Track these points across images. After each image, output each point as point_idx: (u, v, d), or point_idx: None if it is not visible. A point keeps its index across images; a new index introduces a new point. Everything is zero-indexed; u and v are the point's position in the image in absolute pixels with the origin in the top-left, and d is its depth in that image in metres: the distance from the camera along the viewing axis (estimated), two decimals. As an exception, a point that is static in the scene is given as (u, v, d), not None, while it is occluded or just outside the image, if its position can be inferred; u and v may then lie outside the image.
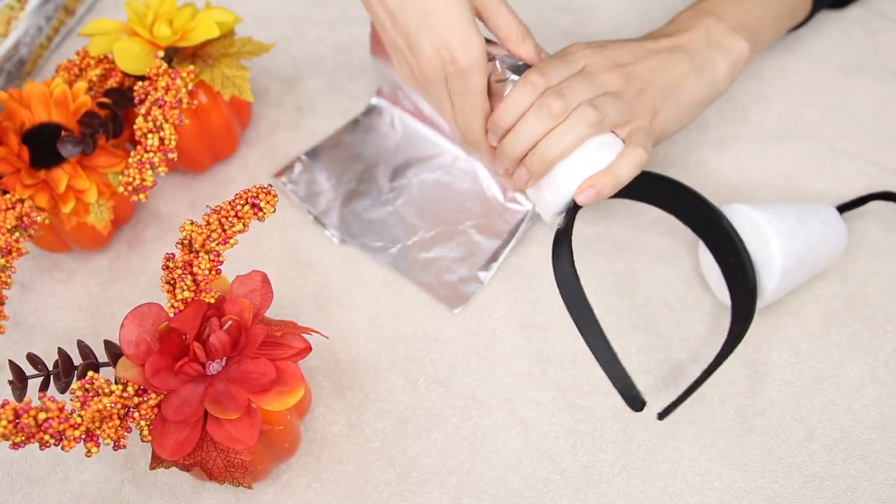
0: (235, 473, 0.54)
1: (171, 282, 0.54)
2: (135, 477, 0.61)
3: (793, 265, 0.60)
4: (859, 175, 0.70)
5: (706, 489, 0.58)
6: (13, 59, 0.76)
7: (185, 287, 0.53)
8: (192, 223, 0.54)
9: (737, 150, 0.72)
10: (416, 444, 0.61)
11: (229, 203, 0.54)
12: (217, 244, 0.54)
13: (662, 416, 0.55)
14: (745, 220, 0.61)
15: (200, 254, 0.54)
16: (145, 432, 0.52)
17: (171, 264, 0.54)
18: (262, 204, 0.54)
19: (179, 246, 0.55)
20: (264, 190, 0.54)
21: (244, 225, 0.54)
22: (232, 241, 0.54)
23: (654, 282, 0.66)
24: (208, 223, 0.54)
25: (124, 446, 0.52)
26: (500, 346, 0.64)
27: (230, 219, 0.54)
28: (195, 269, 0.53)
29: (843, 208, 0.66)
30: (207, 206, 0.55)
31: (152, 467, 0.54)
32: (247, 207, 0.54)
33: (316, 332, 0.57)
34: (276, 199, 0.54)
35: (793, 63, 0.76)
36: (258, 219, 0.54)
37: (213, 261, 0.54)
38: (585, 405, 0.62)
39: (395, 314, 0.66)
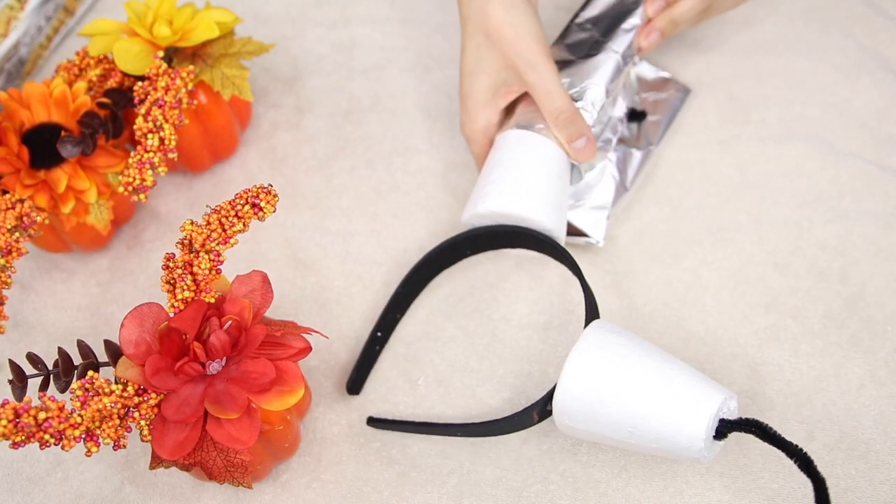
0: (235, 473, 0.54)
1: (172, 282, 0.54)
2: (135, 477, 0.61)
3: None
4: (860, 175, 0.70)
5: (706, 489, 0.58)
6: (13, 59, 0.76)
7: (185, 287, 0.53)
8: (192, 223, 0.54)
9: (738, 150, 0.72)
10: (415, 444, 0.61)
11: (229, 203, 0.54)
12: (217, 244, 0.54)
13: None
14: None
15: (200, 254, 0.54)
16: (145, 432, 0.52)
17: (171, 264, 0.54)
18: (262, 204, 0.54)
19: (179, 246, 0.55)
20: (264, 189, 0.54)
21: (244, 225, 0.54)
22: (232, 240, 0.54)
23: (654, 282, 0.66)
24: (208, 223, 0.54)
25: (124, 446, 0.52)
26: (500, 346, 0.64)
27: (230, 218, 0.54)
28: (195, 269, 0.54)
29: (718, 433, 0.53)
30: (207, 206, 0.55)
31: (152, 467, 0.54)
32: (247, 207, 0.54)
33: (316, 332, 0.57)
34: (277, 198, 0.54)
35: (794, 62, 0.76)
36: (258, 218, 0.54)
37: (214, 261, 0.54)
38: (585, 405, 0.62)
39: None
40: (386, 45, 0.79)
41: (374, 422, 0.61)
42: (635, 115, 0.71)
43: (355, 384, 0.63)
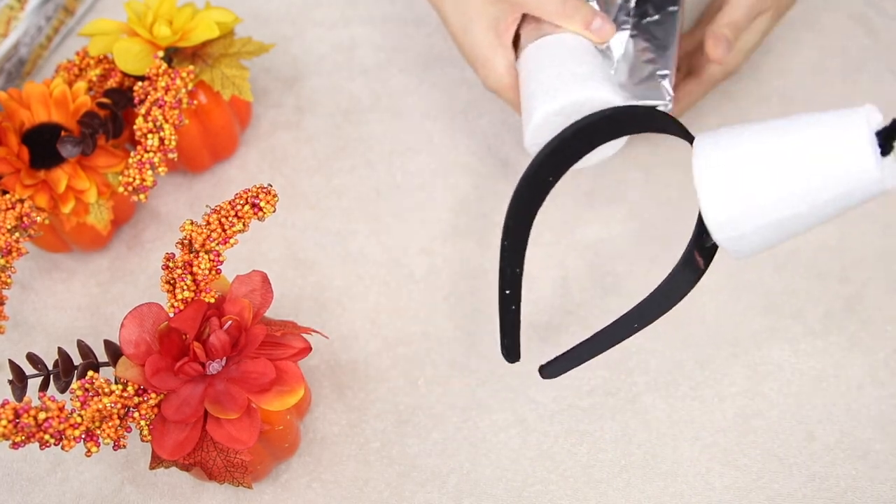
0: (235, 473, 0.54)
1: (172, 281, 0.54)
2: (135, 477, 0.61)
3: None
4: (859, 175, 0.70)
5: (706, 489, 0.58)
6: (13, 59, 0.76)
7: (185, 287, 0.53)
8: (192, 223, 0.54)
9: (737, 150, 0.72)
10: (416, 444, 0.61)
11: (229, 203, 0.54)
12: (217, 244, 0.54)
13: (544, 370, 0.55)
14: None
15: (200, 254, 0.54)
16: (145, 432, 0.52)
17: (171, 264, 0.54)
18: (262, 204, 0.54)
19: (179, 246, 0.55)
20: (264, 189, 0.54)
21: (244, 225, 0.54)
22: (232, 240, 0.54)
23: (654, 282, 0.66)
24: (208, 223, 0.54)
25: (124, 446, 0.52)
26: (500, 346, 0.64)
27: (230, 218, 0.54)
28: (195, 269, 0.54)
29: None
30: (207, 206, 0.55)
31: (152, 467, 0.54)
32: (247, 207, 0.54)
33: (316, 332, 0.57)
34: (276, 198, 0.54)
35: (793, 62, 0.76)
36: (258, 218, 0.54)
37: (213, 261, 0.54)
38: (585, 405, 0.62)
39: (395, 314, 0.66)
40: (386, 45, 0.79)
41: (548, 369, 0.55)
42: None
43: (511, 351, 0.57)
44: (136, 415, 0.52)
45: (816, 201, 0.44)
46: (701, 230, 0.48)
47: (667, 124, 0.53)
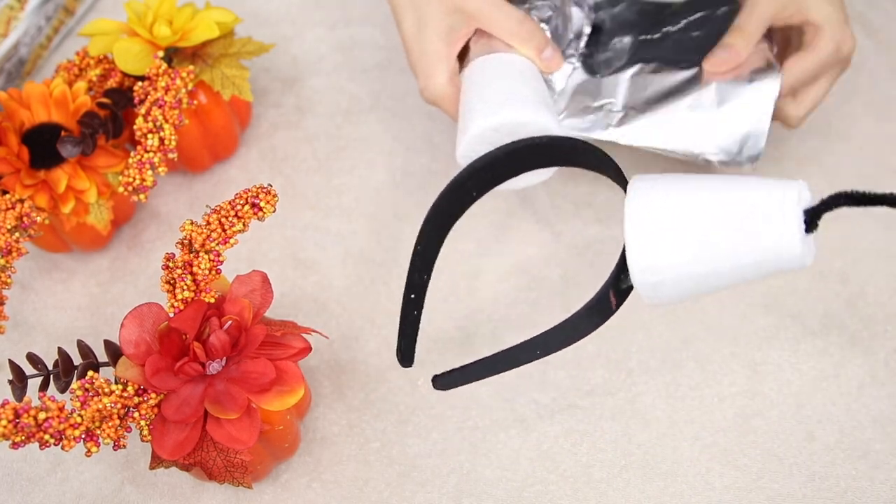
0: (235, 473, 0.54)
1: (172, 282, 0.54)
2: (135, 477, 0.61)
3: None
4: (860, 175, 0.70)
5: (706, 489, 0.58)
6: (13, 59, 0.76)
7: (185, 287, 0.53)
8: (192, 223, 0.54)
9: (737, 150, 0.72)
10: (416, 444, 0.61)
11: (229, 203, 0.54)
12: (217, 244, 0.54)
13: (437, 382, 0.54)
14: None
15: (200, 254, 0.54)
16: (145, 432, 0.52)
17: (171, 264, 0.54)
18: (262, 204, 0.54)
19: (179, 246, 0.55)
20: (264, 189, 0.54)
21: (244, 225, 0.54)
22: (232, 240, 0.54)
23: (655, 282, 0.66)
24: (208, 223, 0.54)
25: (124, 446, 0.52)
26: (500, 346, 0.64)
27: (230, 218, 0.54)
28: (195, 269, 0.54)
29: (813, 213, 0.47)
30: (207, 206, 0.55)
31: (152, 467, 0.54)
32: (247, 207, 0.54)
33: (316, 332, 0.57)
34: (276, 198, 0.54)
35: (793, 63, 0.76)
36: (258, 218, 0.54)
37: (213, 261, 0.54)
38: (585, 405, 0.62)
39: (395, 314, 0.66)
40: (386, 44, 0.79)
41: (440, 380, 0.55)
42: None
43: (406, 354, 0.57)
44: (136, 415, 0.52)
45: (737, 264, 0.45)
46: (620, 271, 0.48)
47: (603, 162, 0.53)
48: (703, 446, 0.60)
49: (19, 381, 0.55)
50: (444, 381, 0.55)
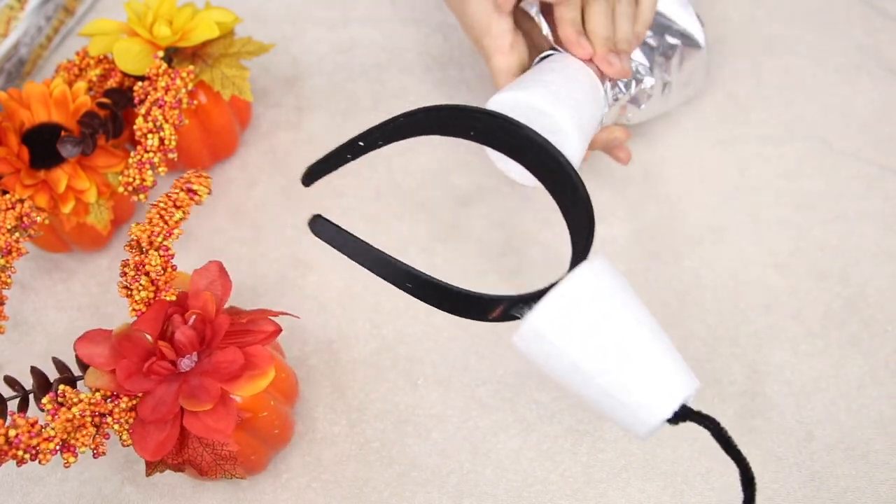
0: (226, 466, 0.54)
1: (127, 286, 0.54)
2: (135, 477, 0.61)
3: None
4: (859, 175, 0.70)
5: (706, 489, 0.58)
6: (13, 59, 0.76)
7: (141, 287, 0.53)
8: (136, 225, 0.54)
9: (737, 150, 0.72)
10: (416, 444, 0.61)
11: (165, 195, 0.54)
12: (163, 238, 0.54)
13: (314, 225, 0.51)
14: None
15: (150, 252, 0.54)
16: (124, 436, 0.52)
17: (126, 270, 0.54)
18: (195, 187, 0.54)
19: (128, 249, 0.55)
20: (196, 174, 0.54)
21: (184, 213, 0.54)
22: (176, 231, 0.54)
23: (655, 281, 0.66)
24: (150, 220, 0.54)
25: (104, 453, 0.52)
26: (500, 346, 0.64)
27: (169, 209, 0.54)
28: (147, 268, 0.54)
29: None
30: (149, 203, 0.55)
31: (149, 473, 0.54)
32: (182, 194, 0.54)
33: (287, 313, 0.57)
34: (210, 180, 0.55)
35: (793, 63, 0.76)
36: (196, 202, 0.54)
37: (164, 255, 0.54)
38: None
39: (395, 314, 0.66)
40: (386, 45, 0.79)
41: (316, 223, 0.53)
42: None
43: (312, 175, 0.55)
44: (109, 420, 0.52)
45: (596, 393, 0.47)
46: (523, 302, 0.49)
47: (568, 182, 0.53)
48: (703, 446, 0.60)
49: (-2, 403, 0.55)
50: (319, 226, 0.53)
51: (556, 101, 0.55)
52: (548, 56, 0.60)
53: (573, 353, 0.47)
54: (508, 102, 0.55)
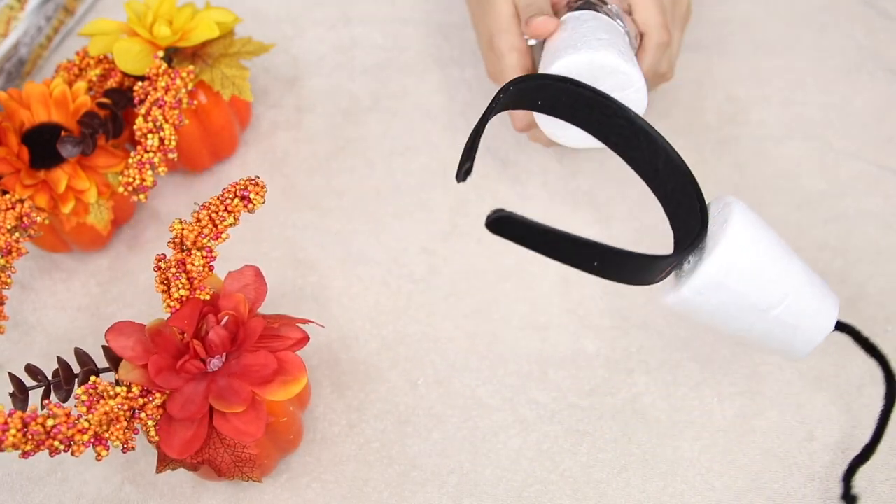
0: (244, 468, 0.54)
1: (166, 281, 0.54)
2: (135, 477, 0.61)
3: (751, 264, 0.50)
4: (860, 175, 0.70)
5: (706, 489, 0.58)
6: (13, 59, 0.76)
7: (180, 285, 0.53)
8: (181, 222, 0.54)
9: (737, 150, 0.72)
10: (416, 445, 0.61)
11: (218, 198, 0.54)
12: (209, 240, 0.54)
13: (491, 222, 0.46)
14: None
15: (193, 251, 0.54)
16: (152, 433, 0.52)
17: (163, 265, 0.54)
18: (251, 196, 0.54)
19: (171, 245, 0.55)
20: (252, 181, 0.54)
21: (235, 218, 0.54)
22: (224, 235, 0.54)
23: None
24: (198, 220, 0.54)
25: (133, 448, 0.52)
26: (500, 346, 0.64)
27: (220, 213, 0.54)
28: (189, 267, 0.54)
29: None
30: (196, 203, 0.55)
31: (159, 470, 0.54)
32: (236, 200, 0.54)
33: (312, 321, 0.57)
34: (265, 189, 0.54)
35: (793, 62, 0.76)
36: (248, 211, 0.54)
37: (207, 257, 0.54)
38: (585, 405, 0.62)
39: (395, 314, 0.66)
40: (386, 45, 0.79)
41: (496, 222, 0.47)
42: None
43: (468, 171, 0.50)
44: (142, 415, 0.52)
45: (777, 322, 0.51)
46: (688, 253, 0.50)
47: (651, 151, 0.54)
48: (703, 446, 0.60)
49: (21, 392, 0.55)
50: (501, 220, 0.47)
51: (623, 57, 0.56)
52: (569, 15, 0.60)
53: (751, 294, 0.49)
54: (580, 64, 0.55)
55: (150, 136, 0.63)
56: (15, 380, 0.54)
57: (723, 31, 0.78)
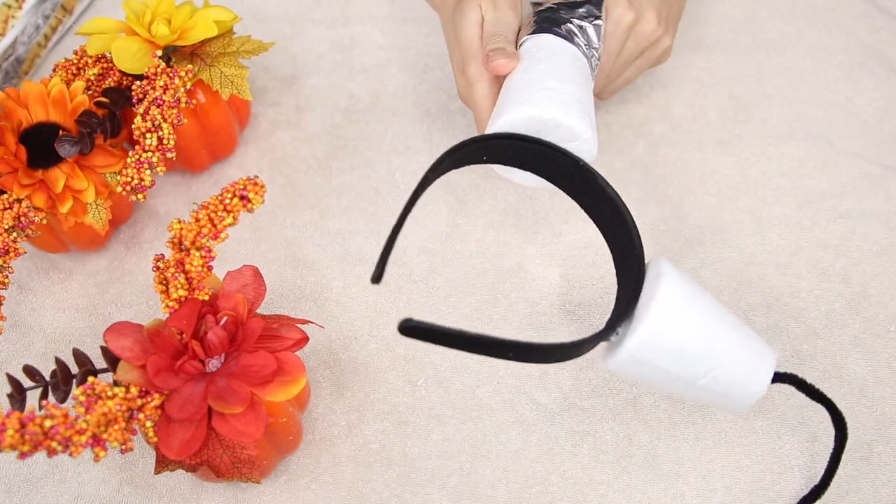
0: (243, 469, 0.54)
1: (164, 282, 0.54)
2: (133, 478, 0.60)
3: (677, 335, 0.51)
4: (861, 174, 0.70)
5: (707, 491, 0.58)
6: (11, 58, 0.76)
7: (178, 286, 0.53)
8: (179, 221, 0.54)
9: (739, 150, 0.71)
10: (415, 446, 0.61)
11: (217, 197, 0.54)
12: (208, 239, 0.54)
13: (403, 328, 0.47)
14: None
15: (192, 251, 0.53)
16: (151, 434, 0.52)
17: (161, 265, 0.54)
18: (250, 195, 0.53)
19: (170, 245, 0.54)
20: (251, 181, 0.54)
21: (234, 218, 0.54)
22: (222, 235, 0.54)
23: (656, 282, 0.66)
24: (197, 219, 0.54)
25: (131, 448, 0.52)
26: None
27: (219, 213, 0.54)
28: (188, 267, 0.53)
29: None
30: (195, 202, 0.55)
31: (157, 471, 0.54)
32: (235, 200, 0.53)
33: (311, 321, 0.57)
34: (265, 189, 0.54)
35: (795, 61, 0.76)
36: (247, 210, 0.54)
37: (205, 257, 0.54)
38: (586, 406, 0.61)
39: (395, 314, 0.66)
40: (386, 44, 0.79)
41: (408, 330, 0.48)
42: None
43: (381, 275, 0.49)
44: (140, 416, 0.52)
45: (706, 389, 0.52)
46: (615, 325, 0.51)
47: (594, 186, 0.55)
48: (705, 447, 0.59)
49: (18, 393, 0.54)
50: (411, 328, 0.48)
51: (565, 111, 0.56)
52: (529, 40, 0.61)
53: (674, 368, 0.51)
54: (522, 120, 0.56)
55: (148, 135, 0.62)
56: (13, 380, 0.54)
57: (724, 29, 0.78)
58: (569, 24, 0.62)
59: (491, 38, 0.61)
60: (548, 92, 0.57)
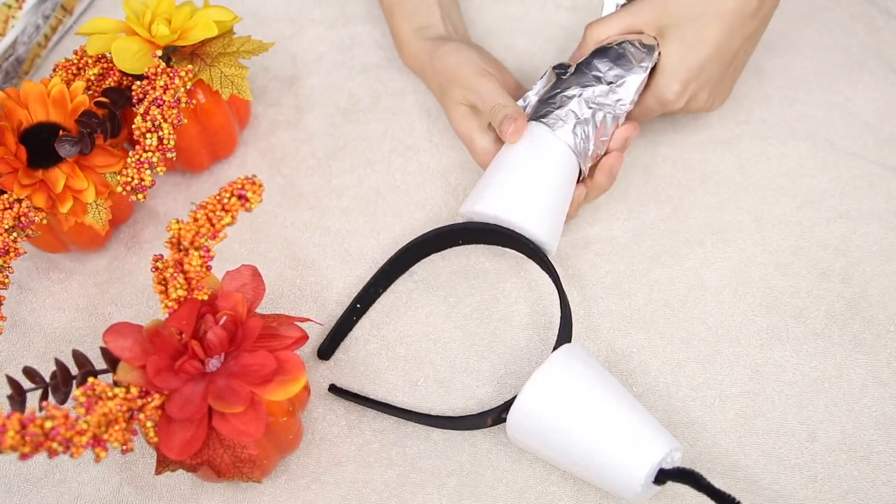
0: (244, 469, 0.54)
1: (163, 282, 0.54)
2: (133, 478, 0.60)
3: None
4: (862, 174, 0.70)
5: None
6: (11, 58, 0.76)
7: (177, 286, 0.53)
8: (178, 221, 0.54)
9: (739, 150, 0.71)
10: (415, 445, 0.61)
11: (215, 197, 0.54)
12: (206, 239, 0.53)
13: None
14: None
15: (190, 251, 0.53)
16: (151, 434, 0.52)
17: (160, 265, 0.54)
18: (248, 194, 0.53)
19: (168, 245, 0.54)
20: (250, 180, 0.53)
21: (232, 217, 0.54)
22: (221, 234, 0.54)
23: (655, 282, 0.66)
24: (196, 219, 0.54)
25: (132, 449, 0.52)
26: (500, 346, 0.64)
27: (217, 212, 0.53)
28: (186, 267, 0.53)
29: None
30: (193, 202, 0.55)
31: (158, 471, 0.54)
32: (233, 199, 0.53)
33: (309, 319, 0.57)
34: (263, 188, 0.53)
35: (795, 61, 0.76)
36: (246, 210, 0.53)
37: (204, 256, 0.54)
38: (586, 406, 0.61)
39: (395, 314, 0.66)
40: (386, 43, 0.79)
41: (335, 389, 0.62)
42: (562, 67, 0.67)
43: (327, 350, 0.64)
44: (141, 416, 0.52)
45: (582, 474, 0.56)
46: (503, 411, 0.57)
47: (549, 271, 0.62)
48: (704, 447, 0.59)
49: (18, 394, 0.54)
50: (333, 389, 0.63)
51: (527, 217, 0.62)
52: (537, 122, 0.64)
53: (545, 452, 0.56)
54: (488, 213, 0.62)
55: (148, 135, 0.62)
56: (13, 382, 0.54)
57: (724, 29, 0.78)
58: (567, 107, 0.64)
59: (490, 112, 0.64)
60: (512, 192, 0.62)
